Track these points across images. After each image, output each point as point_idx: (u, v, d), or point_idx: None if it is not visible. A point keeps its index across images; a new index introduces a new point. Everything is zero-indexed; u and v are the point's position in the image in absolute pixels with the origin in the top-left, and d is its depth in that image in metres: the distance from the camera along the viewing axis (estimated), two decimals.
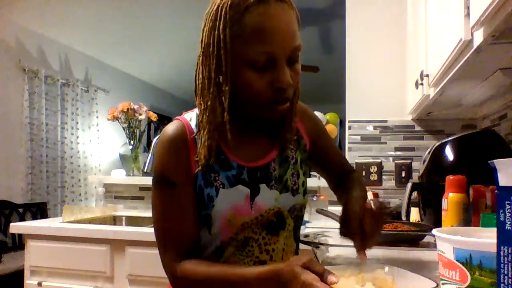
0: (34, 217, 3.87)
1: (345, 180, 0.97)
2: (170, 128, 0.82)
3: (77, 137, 4.66)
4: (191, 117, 0.85)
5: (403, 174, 2.10)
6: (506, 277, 0.47)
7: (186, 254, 0.79)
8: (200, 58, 0.77)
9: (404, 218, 1.45)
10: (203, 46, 0.76)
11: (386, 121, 2.17)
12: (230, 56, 0.72)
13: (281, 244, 0.86)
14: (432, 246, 1.06)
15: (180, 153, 0.80)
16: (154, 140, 2.48)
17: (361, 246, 0.75)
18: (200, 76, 0.77)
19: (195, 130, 0.82)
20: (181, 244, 0.79)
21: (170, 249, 0.79)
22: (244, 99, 0.76)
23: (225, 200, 0.80)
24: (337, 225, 0.83)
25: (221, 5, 0.72)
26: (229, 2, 0.71)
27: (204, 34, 0.75)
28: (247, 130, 0.83)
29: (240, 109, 0.79)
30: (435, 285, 0.65)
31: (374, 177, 2.13)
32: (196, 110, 0.86)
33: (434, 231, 0.62)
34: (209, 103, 0.76)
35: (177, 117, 0.85)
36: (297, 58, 0.77)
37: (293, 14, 0.75)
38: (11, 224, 2.00)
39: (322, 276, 0.60)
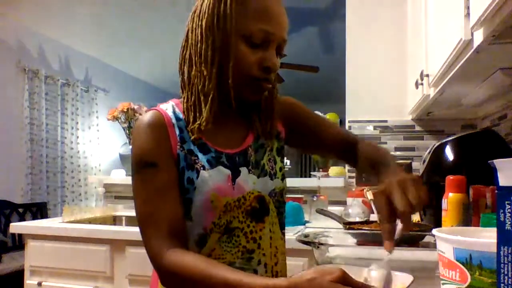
0: (34, 217, 3.87)
1: (358, 147, 0.94)
2: (146, 115, 0.82)
3: (77, 137, 4.66)
4: (166, 107, 0.85)
5: None
6: (506, 277, 0.47)
7: (173, 239, 0.74)
8: (201, 29, 0.79)
9: None
10: (203, 18, 0.79)
11: (386, 121, 2.17)
12: (235, 28, 0.77)
13: (267, 231, 0.85)
14: (432, 246, 1.05)
15: (159, 134, 0.80)
16: None
17: (389, 234, 0.67)
18: (203, 45, 0.79)
19: (172, 116, 0.82)
20: (167, 227, 0.75)
21: (155, 235, 0.75)
22: (232, 72, 0.79)
23: (207, 181, 0.80)
24: (338, 225, 0.83)
25: None
26: None
27: (205, 7, 0.79)
28: (224, 117, 0.84)
29: (225, 86, 0.80)
30: (412, 278, 0.65)
31: None
32: (170, 102, 0.87)
33: (434, 231, 0.62)
34: (214, 70, 0.79)
35: (152, 108, 0.85)
36: (282, 51, 0.83)
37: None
38: (11, 224, 2.00)
39: None
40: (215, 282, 0.65)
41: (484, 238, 0.55)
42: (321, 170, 2.29)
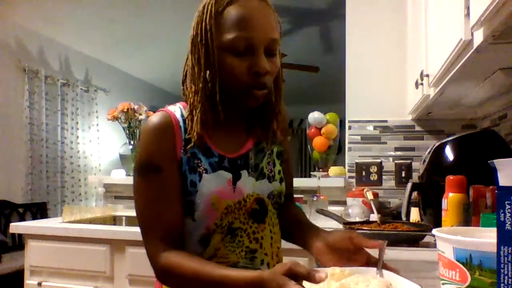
0: (34, 217, 3.87)
1: (293, 211, 0.99)
2: (155, 117, 0.85)
3: (77, 137, 4.66)
4: (174, 109, 0.88)
5: (403, 174, 2.10)
6: (506, 277, 0.47)
7: (171, 241, 0.80)
8: (190, 50, 0.84)
9: (404, 218, 1.45)
10: (192, 39, 0.83)
11: (386, 121, 2.16)
12: (216, 43, 0.80)
13: (268, 231, 0.89)
14: (432, 246, 1.06)
15: (166, 138, 0.83)
16: None
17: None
18: (190, 64, 0.84)
19: (180, 119, 0.85)
20: (166, 230, 0.80)
21: (154, 236, 0.80)
22: (225, 84, 0.81)
23: (209, 185, 0.83)
24: (338, 225, 0.83)
25: (207, 2, 0.82)
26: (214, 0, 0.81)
27: (193, 28, 0.84)
28: (226, 123, 0.86)
29: (221, 96, 0.83)
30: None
31: (374, 177, 2.13)
32: (178, 104, 0.89)
33: (434, 231, 0.62)
34: (200, 85, 0.82)
35: (161, 109, 0.88)
36: (275, 51, 0.82)
37: (272, 12, 0.82)
38: (11, 224, 2.00)
39: (308, 277, 0.60)
40: (202, 279, 0.72)
41: (484, 238, 0.55)
42: (321, 170, 2.28)
